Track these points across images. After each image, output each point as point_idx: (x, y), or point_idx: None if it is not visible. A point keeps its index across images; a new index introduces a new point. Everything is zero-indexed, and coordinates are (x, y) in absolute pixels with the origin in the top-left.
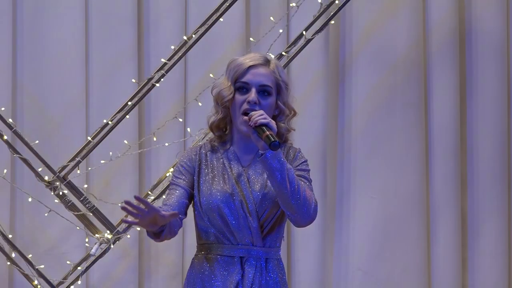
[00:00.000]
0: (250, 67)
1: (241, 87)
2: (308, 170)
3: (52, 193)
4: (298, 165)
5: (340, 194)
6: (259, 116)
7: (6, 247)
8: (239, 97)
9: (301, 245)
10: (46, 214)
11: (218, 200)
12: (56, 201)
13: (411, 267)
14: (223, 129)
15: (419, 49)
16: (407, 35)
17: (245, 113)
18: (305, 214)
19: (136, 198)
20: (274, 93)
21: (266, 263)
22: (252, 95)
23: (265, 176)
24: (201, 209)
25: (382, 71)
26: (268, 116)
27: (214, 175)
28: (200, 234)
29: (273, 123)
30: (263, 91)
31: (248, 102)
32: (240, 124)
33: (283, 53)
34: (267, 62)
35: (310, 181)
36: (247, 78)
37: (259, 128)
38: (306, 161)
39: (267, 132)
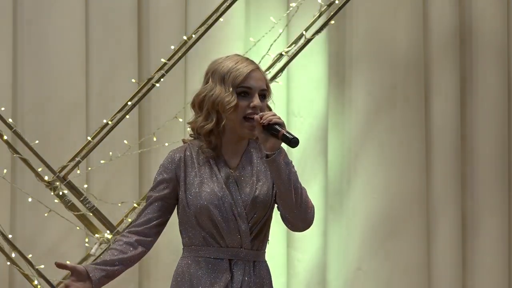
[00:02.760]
0: (250, 71)
1: (243, 92)
2: (296, 172)
3: (52, 193)
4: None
5: (339, 194)
6: (273, 115)
7: (6, 247)
8: (241, 102)
9: (301, 245)
10: (46, 214)
11: (208, 202)
12: (56, 201)
13: (411, 267)
14: (211, 134)
15: (419, 49)
16: (407, 35)
17: (247, 118)
18: (305, 219)
19: (57, 264)
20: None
21: (254, 265)
22: (257, 100)
23: (254, 178)
24: (189, 211)
25: (382, 71)
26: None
27: (203, 178)
28: (186, 236)
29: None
30: (262, 95)
31: (254, 107)
32: (241, 127)
33: (283, 53)
34: (257, 65)
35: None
36: (249, 83)
37: (271, 127)
38: (292, 162)
39: (283, 131)
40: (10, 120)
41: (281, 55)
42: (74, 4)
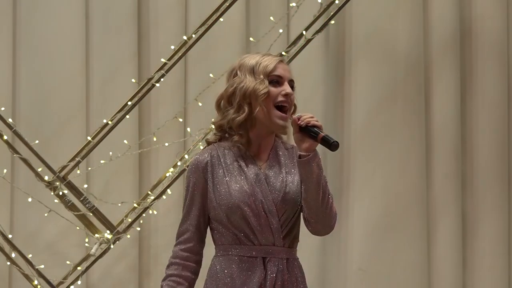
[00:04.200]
0: (279, 61)
1: (274, 80)
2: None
3: (52, 193)
4: None
5: (339, 194)
6: (311, 117)
7: (6, 247)
8: (273, 90)
9: (301, 244)
10: (46, 214)
11: (238, 200)
12: (56, 201)
13: (411, 267)
14: (243, 128)
15: (419, 49)
16: (407, 35)
17: (280, 106)
18: (328, 225)
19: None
20: None
21: (287, 263)
22: (288, 88)
23: (283, 175)
24: (220, 210)
25: (382, 71)
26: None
27: (231, 176)
28: (218, 235)
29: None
30: (291, 86)
31: (286, 94)
32: (273, 115)
33: (283, 53)
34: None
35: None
36: (280, 72)
37: (309, 128)
38: None
39: (322, 134)
40: (10, 120)
41: (281, 55)
42: (74, 4)
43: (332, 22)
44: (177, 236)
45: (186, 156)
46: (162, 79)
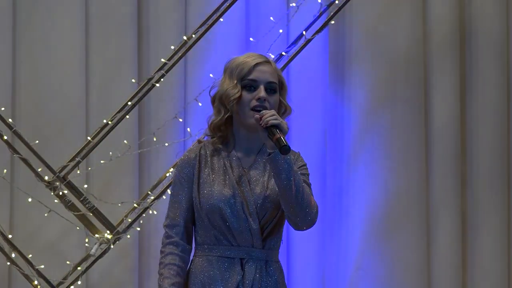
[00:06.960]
0: (256, 64)
1: (248, 85)
2: (308, 175)
3: (52, 193)
4: (298, 168)
5: (339, 193)
6: (271, 116)
7: (6, 247)
8: (247, 95)
9: (300, 244)
10: (46, 214)
11: (219, 201)
12: (56, 201)
13: (411, 267)
14: (223, 130)
15: (419, 49)
16: (407, 35)
17: (254, 110)
18: (306, 218)
19: None
20: (278, 91)
21: (266, 265)
22: (262, 92)
23: (266, 177)
24: (201, 210)
25: (382, 71)
26: (279, 116)
27: (215, 177)
28: (199, 235)
29: (284, 123)
30: (269, 88)
31: (258, 99)
32: (249, 118)
33: (283, 53)
34: (268, 60)
35: (309, 185)
36: (254, 75)
37: (269, 128)
38: (305, 165)
39: (278, 135)
40: (10, 120)
41: (281, 55)
42: (74, 4)
43: (332, 22)
44: (169, 226)
45: None
46: (162, 79)
